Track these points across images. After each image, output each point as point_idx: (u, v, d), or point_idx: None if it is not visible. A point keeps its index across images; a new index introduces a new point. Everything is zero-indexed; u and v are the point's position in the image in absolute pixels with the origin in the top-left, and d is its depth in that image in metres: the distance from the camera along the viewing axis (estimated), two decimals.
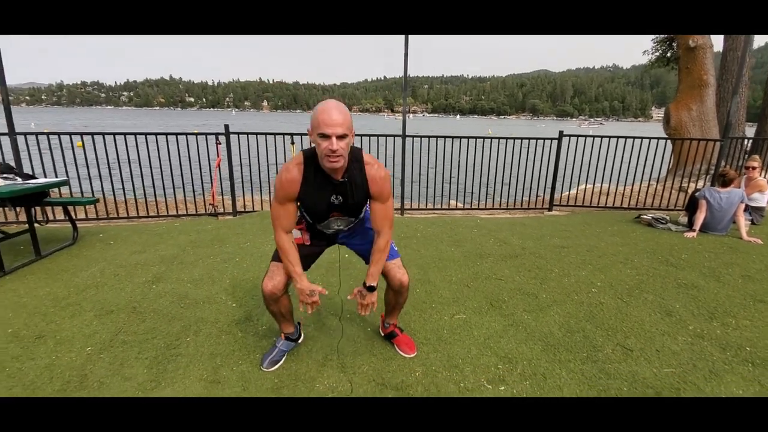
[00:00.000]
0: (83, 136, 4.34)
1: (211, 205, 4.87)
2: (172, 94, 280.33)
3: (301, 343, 2.05)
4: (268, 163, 5.00)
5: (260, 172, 4.88)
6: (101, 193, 4.43)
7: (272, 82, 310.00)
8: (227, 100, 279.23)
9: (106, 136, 4.39)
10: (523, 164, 5.22)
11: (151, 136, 4.58)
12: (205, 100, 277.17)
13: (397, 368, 1.87)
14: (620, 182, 5.52)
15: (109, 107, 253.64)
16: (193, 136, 4.87)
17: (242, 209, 5.03)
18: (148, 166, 4.50)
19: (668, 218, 4.35)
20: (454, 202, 6.00)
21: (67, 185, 3.74)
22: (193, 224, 4.33)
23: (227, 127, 4.65)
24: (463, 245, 3.63)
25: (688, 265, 3.13)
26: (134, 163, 4.50)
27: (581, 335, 2.15)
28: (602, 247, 3.59)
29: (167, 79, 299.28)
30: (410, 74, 5.86)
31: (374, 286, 1.71)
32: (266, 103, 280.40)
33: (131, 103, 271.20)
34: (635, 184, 5.53)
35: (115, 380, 1.76)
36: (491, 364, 1.91)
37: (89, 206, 4.54)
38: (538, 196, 5.63)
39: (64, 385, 1.73)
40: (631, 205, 5.35)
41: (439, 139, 5.12)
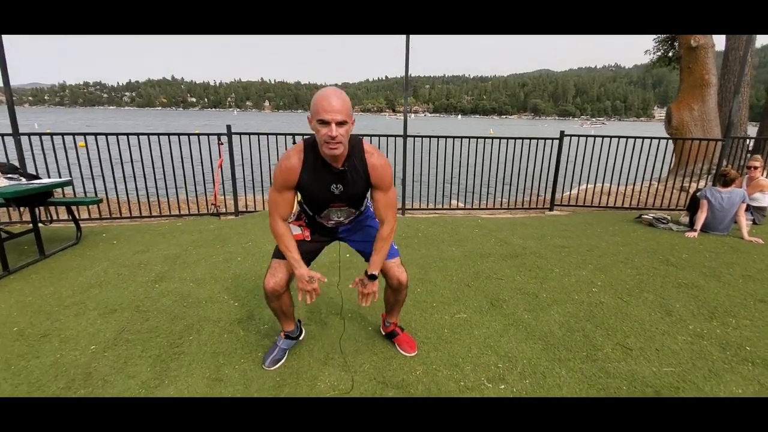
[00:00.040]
0: (86, 136, 4.37)
1: (213, 205, 4.89)
2: (174, 94, 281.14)
3: (302, 340, 2.07)
4: (270, 163, 5.02)
5: (262, 172, 4.89)
6: (104, 193, 4.46)
7: (274, 82, 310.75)
8: (229, 100, 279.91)
9: (108, 136, 4.42)
10: (524, 164, 5.22)
11: (153, 136, 4.59)
12: (207, 100, 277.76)
13: (398, 367, 1.89)
14: (621, 182, 5.52)
15: (111, 107, 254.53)
16: (195, 136, 4.90)
17: (244, 209, 5.05)
18: (150, 166, 4.54)
19: (669, 218, 4.35)
20: (455, 202, 6.01)
21: (70, 185, 3.78)
22: (195, 224, 4.36)
23: (229, 127, 4.67)
24: (464, 245, 3.64)
25: (688, 264, 3.13)
26: (137, 163, 4.53)
27: (581, 334, 2.16)
28: (603, 246, 3.59)
29: (169, 79, 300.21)
30: (412, 74, 5.86)
31: (375, 274, 1.70)
32: (268, 103, 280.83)
33: (133, 103, 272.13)
34: (636, 183, 5.52)
35: (119, 378, 1.78)
36: (491, 363, 1.93)
37: (92, 206, 4.57)
38: (539, 196, 5.62)
39: (68, 382, 1.75)
40: (632, 205, 5.35)
41: (440, 139, 5.13)
